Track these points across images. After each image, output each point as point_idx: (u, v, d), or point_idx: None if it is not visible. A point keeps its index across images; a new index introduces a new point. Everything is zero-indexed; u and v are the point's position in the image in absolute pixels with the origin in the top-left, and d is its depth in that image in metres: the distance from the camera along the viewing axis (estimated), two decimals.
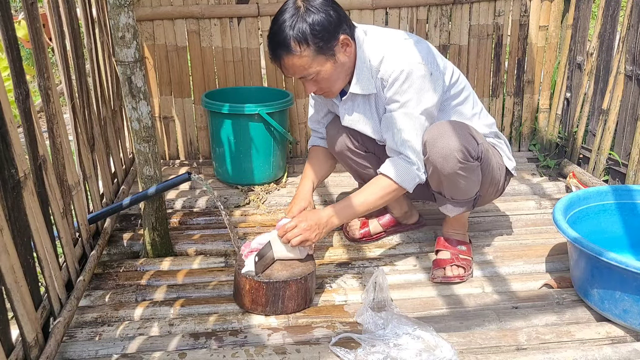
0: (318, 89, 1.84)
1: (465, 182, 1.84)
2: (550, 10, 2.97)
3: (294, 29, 1.68)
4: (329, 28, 1.71)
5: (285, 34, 1.69)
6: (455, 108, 1.95)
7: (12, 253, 1.32)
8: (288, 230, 1.79)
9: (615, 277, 1.65)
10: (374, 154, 2.08)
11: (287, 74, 1.81)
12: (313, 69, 1.75)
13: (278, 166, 2.79)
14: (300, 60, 1.72)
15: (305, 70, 1.75)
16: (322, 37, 1.70)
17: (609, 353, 1.58)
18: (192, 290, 1.92)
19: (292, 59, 1.72)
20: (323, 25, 1.70)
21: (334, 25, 1.72)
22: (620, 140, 2.56)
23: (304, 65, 1.73)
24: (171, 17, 2.88)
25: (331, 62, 1.76)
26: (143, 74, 1.92)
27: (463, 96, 1.96)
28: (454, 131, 1.78)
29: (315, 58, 1.72)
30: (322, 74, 1.77)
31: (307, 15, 1.69)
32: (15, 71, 1.46)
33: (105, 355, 1.60)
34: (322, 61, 1.74)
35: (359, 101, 1.91)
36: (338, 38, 1.74)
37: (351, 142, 2.06)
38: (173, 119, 3.09)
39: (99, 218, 2.09)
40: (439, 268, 1.97)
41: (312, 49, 1.71)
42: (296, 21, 1.68)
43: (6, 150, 1.34)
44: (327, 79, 1.79)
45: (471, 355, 1.58)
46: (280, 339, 1.67)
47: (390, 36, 1.85)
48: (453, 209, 1.93)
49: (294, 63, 1.73)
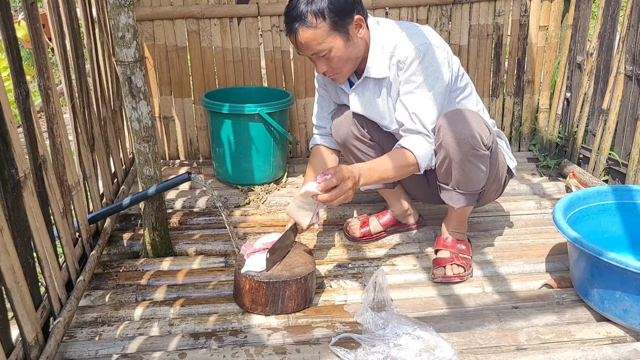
0: (329, 68, 1.86)
1: (474, 170, 1.85)
2: (550, 10, 2.97)
3: (312, 4, 1.75)
4: (345, 6, 1.77)
5: (303, 8, 1.75)
6: (460, 102, 1.98)
7: (12, 253, 1.32)
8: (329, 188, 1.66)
9: (616, 277, 1.65)
10: (378, 144, 2.09)
11: (301, 49, 1.83)
12: (326, 45, 1.78)
13: (278, 166, 2.79)
14: (315, 34, 1.76)
15: (319, 44, 1.78)
16: (338, 13, 1.76)
17: (609, 353, 1.58)
18: (192, 290, 1.92)
19: (307, 32, 1.76)
20: (340, 2, 1.76)
21: (350, 4, 1.79)
22: (620, 140, 2.56)
23: (317, 39, 1.77)
24: (171, 17, 2.88)
25: (344, 39, 1.80)
26: (143, 74, 1.92)
27: (467, 91, 2.00)
28: (468, 118, 1.82)
29: (330, 33, 1.77)
30: (334, 51, 1.80)
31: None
32: (15, 71, 1.46)
33: (105, 355, 1.60)
34: (335, 37, 1.78)
35: (370, 87, 1.94)
36: (353, 17, 1.80)
37: (357, 129, 2.06)
38: (173, 119, 3.09)
39: (99, 218, 2.09)
40: (439, 267, 1.98)
41: (328, 23, 1.76)
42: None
43: (6, 150, 1.34)
44: (340, 57, 1.82)
45: (471, 355, 1.58)
46: (280, 339, 1.67)
47: (402, 24, 1.91)
48: (458, 200, 1.93)
49: (309, 36, 1.77)
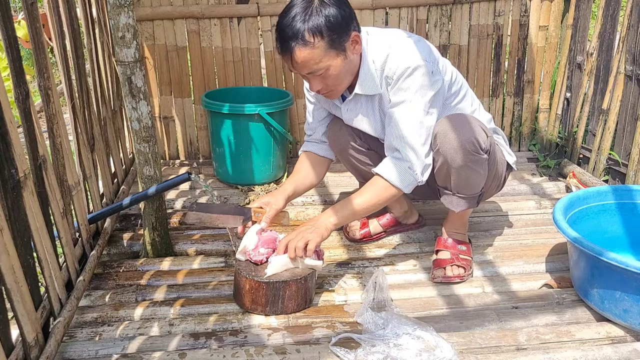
0: (324, 86, 1.80)
1: (473, 175, 1.84)
2: (550, 10, 2.97)
3: (309, 22, 1.66)
4: (342, 22, 1.70)
5: (300, 26, 1.67)
6: (456, 106, 1.96)
7: (12, 253, 1.32)
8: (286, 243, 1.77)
9: (616, 277, 1.65)
10: (375, 152, 2.08)
11: (296, 68, 1.75)
12: (324, 64, 1.72)
13: (278, 166, 2.79)
14: (312, 53, 1.69)
15: (316, 64, 1.71)
16: (336, 31, 1.69)
17: (609, 353, 1.58)
18: (192, 290, 1.92)
19: (305, 51, 1.69)
20: (337, 19, 1.68)
21: (347, 20, 1.71)
22: (620, 140, 2.56)
23: (315, 58, 1.70)
24: (171, 17, 2.88)
25: (341, 57, 1.74)
26: (143, 74, 1.92)
27: (462, 94, 1.97)
28: (465, 123, 1.79)
29: (327, 52, 1.70)
30: (331, 69, 1.74)
31: (322, 7, 1.68)
32: (15, 71, 1.46)
33: (105, 355, 1.60)
34: (333, 56, 1.72)
35: (363, 102, 1.91)
36: (350, 34, 1.73)
37: (354, 139, 2.06)
38: (173, 119, 3.09)
39: (99, 218, 2.09)
40: (439, 268, 1.97)
41: (326, 42, 1.69)
42: (311, 14, 1.67)
43: (6, 150, 1.34)
44: (336, 75, 1.76)
45: (471, 355, 1.58)
46: (280, 339, 1.67)
47: (391, 36, 1.85)
48: (459, 204, 1.93)
49: (306, 55, 1.70)
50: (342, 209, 1.82)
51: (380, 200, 1.82)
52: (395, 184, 1.79)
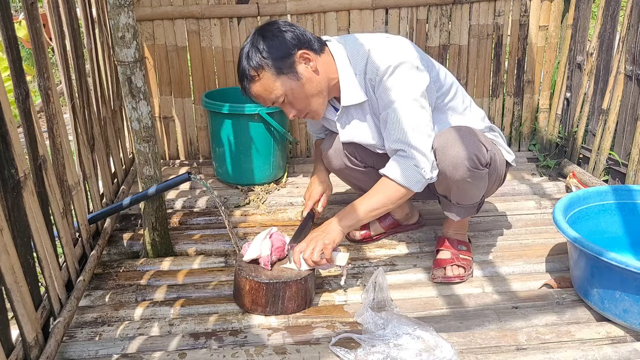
0: (297, 111, 1.83)
1: (473, 188, 1.84)
2: (550, 10, 2.97)
3: (250, 59, 1.74)
4: (280, 48, 1.73)
5: (244, 65, 1.75)
6: (448, 105, 1.94)
7: (12, 253, 1.32)
8: (300, 252, 1.78)
9: (615, 277, 1.65)
10: (373, 168, 2.06)
11: (260, 101, 1.82)
12: (279, 91, 1.76)
13: (278, 166, 2.79)
14: (262, 85, 1.75)
15: (271, 93, 1.76)
16: (276, 58, 1.72)
17: (609, 353, 1.58)
18: (192, 290, 1.92)
19: (255, 86, 1.76)
20: (274, 47, 1.73)
21: (288, 45, 1.74)
22: (620, 140, 2.56)
23: (267, 88, 1.76)
24: (171, 17, 2.88)
25: (294, 80, 1.75)
26: (143, 74, 1.92)
27: (453, 92, 1.95)
28: (464, 138, 1.76)
29: (276, 79, 1.74)
30: (290, 94, 1.77)
31: (258, 43, 1.74)
32: (15, 71, 1.46)
33: (105, 355, 1.60)
34: (284, 81, 1.75)
35: (353, 113, 1.91)
36: (294, 54, 1.74)
37: (349, 160, 2.05)
38: (173, 119, 3.09)
39: (99, 218, 2.09)
40: (439, 268, 1.97)
41: (271, 71, 1.73)
42: (249, 51, 1.74)
43: (6, 150, 1.34)
44: (299, 98, 1.79)
45: (471, 355, 1.58)
46: (280, 339, 1.67)
47: (369, 39, 1.84)
48: (458, 214, 1.94)
49: (258, 89, 1.77)
50: (352, 210, 1.80)
51: (390, 201, 1.79)
52: (402, 183, 1.76)
